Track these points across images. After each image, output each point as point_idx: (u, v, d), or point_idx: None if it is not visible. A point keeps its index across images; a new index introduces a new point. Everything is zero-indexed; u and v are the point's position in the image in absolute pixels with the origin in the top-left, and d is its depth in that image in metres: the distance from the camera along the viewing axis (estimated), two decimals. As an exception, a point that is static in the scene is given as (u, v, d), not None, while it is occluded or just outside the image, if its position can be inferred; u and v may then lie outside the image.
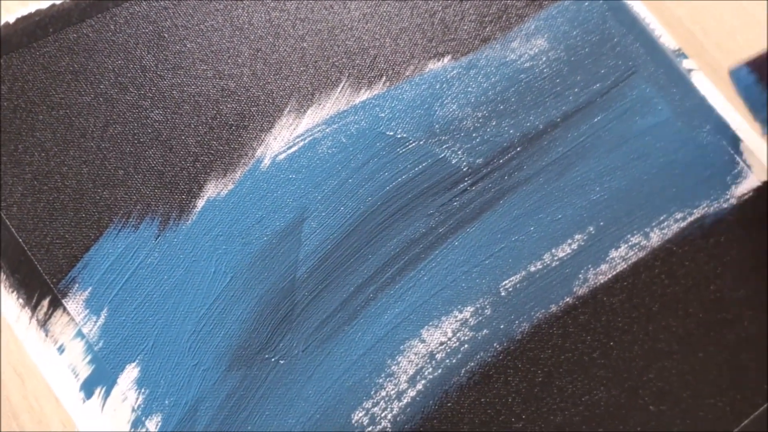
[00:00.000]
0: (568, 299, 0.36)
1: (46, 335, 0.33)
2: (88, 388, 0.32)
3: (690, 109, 0.41)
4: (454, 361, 0.35)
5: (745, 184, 0.40)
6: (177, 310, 0.34)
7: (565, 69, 0.40)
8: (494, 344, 0.35)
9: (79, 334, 0.33)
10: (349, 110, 0.38)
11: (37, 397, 0.32)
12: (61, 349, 0.33)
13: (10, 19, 0.37)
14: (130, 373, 0.33)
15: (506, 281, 0.36)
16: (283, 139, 0.37)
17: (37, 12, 0.37)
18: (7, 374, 0.32)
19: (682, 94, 0.41)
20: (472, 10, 0.41)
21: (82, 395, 0.32)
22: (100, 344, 0.33)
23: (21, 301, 0.33)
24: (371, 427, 0.33)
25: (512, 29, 0.41)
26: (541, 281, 0.36)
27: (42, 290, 0.33)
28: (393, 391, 0.34)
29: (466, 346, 0.35)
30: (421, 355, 0.34)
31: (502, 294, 0.36)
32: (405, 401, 0.34)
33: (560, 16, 0.41)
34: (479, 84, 0.39)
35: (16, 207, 0.34)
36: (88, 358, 0.33)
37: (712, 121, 0.41)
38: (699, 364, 0.36)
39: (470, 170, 0.38)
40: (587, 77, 0.40)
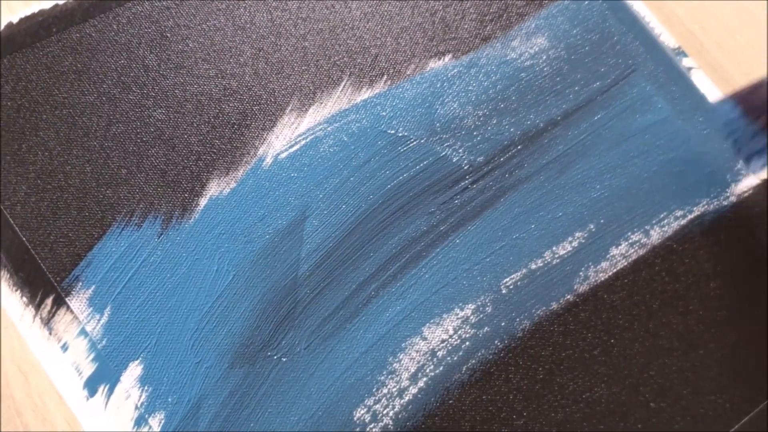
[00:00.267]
0: (568, 297, 0.36)
1: (50, 333, 0.33)
2: (91, 385, 0.32)
3: (690, 107, 0.41)
4: (456, 359, 0.35)
5: (744, 182, 0.40)
6: (180, 308, 0.34)
7: (566, 67, 0.40)
8: (495, 341, 0.35)
9: (83, 332, 0.33)
10: (351, 109, 0.38)
11: (41, 395, 0.32)
12: (65, 347, 0.33)
13: (14, 19, 0.37)
14: (134, 371, 0.33)
15: (507, 279, 0.36)
16: (284, 138, 0.37)
17: (41, 12, 0.38)
18: (11, 372, 0.33)
19: (682, 93, 0.41)
20: (473, 9, 0.41)
21: (86, 393, 0.32)
22: (104, 342, 0.33)
23: (25, 299, 0.33)
24: (373, 424, 0.33)
25: (513, 28, 0.41)
26: (542, 279, 0.36)
27: (45, 288, 0.33)
28: (395, 389, 0.34)
29: (468, 343, 0.35)
30: (423, 352, 0.35)
31: (503, 291, 0.36)
32: (407, 398, 0.34)
33: (560, 14, 0.42)
34: (480, 82, 0.39)
35: (20, 206, 0.34)
36: (92, 356, 0.33)
37: (712, 119, 0.41)
38: (699, 361, 0.36)
39: (471, 168, 0.38)
40: (587, 75, 0.40)
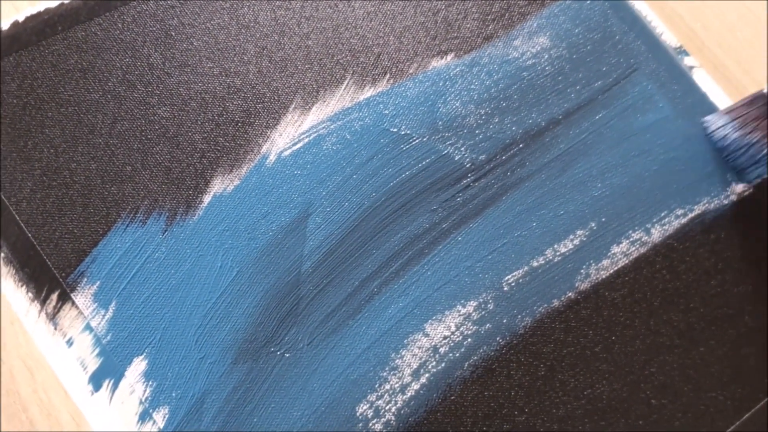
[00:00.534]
0: (570, 294, 0.37)
1: (55, 329, 0.33)
2: (96, 380, 0.33)
3: (691, 106, 0.41)
4: (458, 355, 0.35)
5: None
6: (184, 304, 0.34)
7: (567, 66, 0.41)
8: (497, 338, 0.35)
9: (88, 328, 0.33)
10: (354, 107, 0.38)
11: (46, 390, 0.33)
12: (70, 343, 0.33)
13: (20, 18, 0.37)
14: (138, 366, 0.33)
15: (509, 276, 0.36)
16: (288, 136, 0.37)
17: (46, 11, 0.38)
18: (16, 367, 0.33)
19: (684, 91, 0.41)
20: (475, 8, 0.41)
21: (91, 388, 0.33)
22: (108, 337, 0.33)
23: (30, 294, 0.33)
24: (376, 420, 0.33)
25: (515, 27, 0.41)
26: (544, 276, 0.37)
27: (51, 284, 0.34)
28: (397, 385, 0.34)
29: (470, 340, 0.35)
30: (425, 348, 0.35)
31: (505, 289, 0.36)
32: (409, 394, 0.34)
33: (562, 14, 0.42)
34: (482, 81, 0.40)
35: (26, 202, 0.35)
36: (97, 351, 0.33)
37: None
38: (700, 358, 0.36)
39: (473, 166, 0.38)
40: (589, 75, 0.41)
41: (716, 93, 0.41)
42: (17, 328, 0.33)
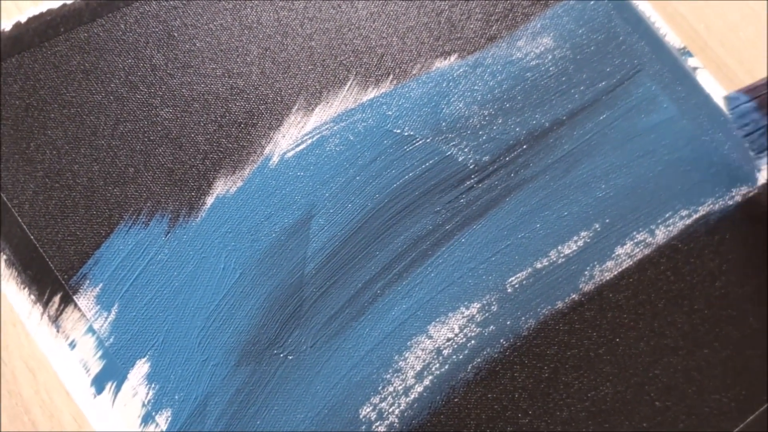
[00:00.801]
0: (574, 296, 0.36)
1: (58, 331, 0.33)
2: (99, 383, 0.33)
3: (695, 106, 0.41)
4: (461, 357, 0.35)
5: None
6: (186, 306, 0.34)
7: (571, 67, 0.40)
8: (501, 340, 0.35)
9: (90, 330, 0.33)
10: (357, 108, 0.38)
11: (49, 392, 0.32)
12: (73, 345, 0.33)
13: (22, 19, 0.37)
14: (141, 369, 0.33)
15: (512, 278, 0.36)
16: (291, 137, 0.37)
17: (49, 11, 0.38)
18: (18, 369, 0.33)
19: (688, 92, 0.41)
20: (479, 8, 0.41)
21: (93, 390, 0.32)
22: (111, 340, 0.33)
23: (33, 297, 0.33)
24: (379, 423, 0.33)
25: (518, 28, 0.41)
26: (548, 278, 0.37)
27: (53, 286, 0.34)
28: (400, 387, 0.34)
29: (473, 342, 0.35)
30: (428, 350, 0.35)
31: (509, 291, 0.36)
32: (412, 397, 0.34)
33: (566, 14, 0.42)
34: (486, 82, 0.40)
35: (28, 204, 0.35)
36: (99, 354, 0.33)
37: (717, 118, 0.41)
38: (704, 360, 0.36)
39: (477, 168, 0.38)
40: (593, 75, 0.40)
41: (720, 94, 0.41)
42: (20, 330, 0.33)
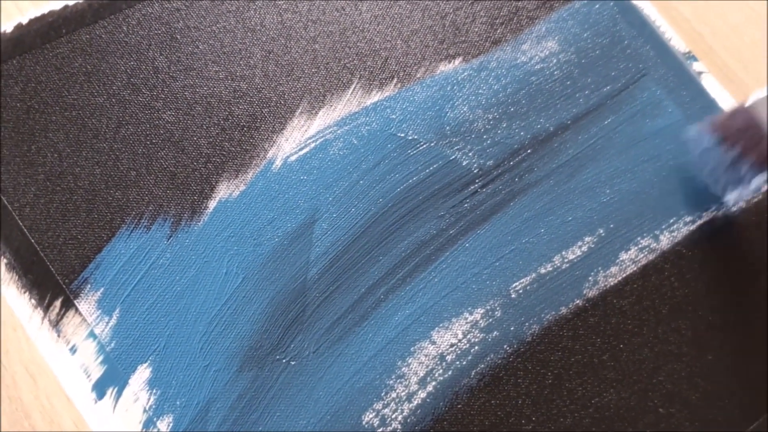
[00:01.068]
0: (578, 301, 0.36)
1: (59, 336, 0.33)
2: (100, 388, 0.32)
3: (700, 111, 0.41)
4: (465, 363, 0.35)
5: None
6: (189, 311, 0.34)
7: (576, 71, 0.40)
8: (504, 346, 0.35)
9: (92, 335, 0.33)
10: (361, 112, 0.38)
11: (49, 397, 0.32)
12: (74, 350, 0.33)
13: (24, 20, 0.37)
14: (142, 374, 0.33)
15: (516, 283, 0.36)
16: (294, 141, 0.37)
17: (50, 13, 0.37)
18: (19, 374, 0.32)
19: (692, 97, 0.41)
20: (483, 12, 0.41)
21: (94, 395, 0.32)
22: (112, 345, 0.33)
23: (33, 301, 0.33)
24: (382, 429, 0.33)
25: (523, 31, 0.41)
26: (551, 283, 0.36)
27: (54, 291, 0.33)
28: (403, 393, 0.34)
29: (477, 347, 0.35)
30: (432, 356, 0.35)
31: (513, 296, 0.36)
32: (415, 403, 0.34)
33: (571, 18, 0.41)
34: (490, 86, 0.39)
35: (29, 208, 0.34)
36: (100, 359, 0.33)
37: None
38: (708, 366, 0.36)
39: (481, 172, 0.38)
40: (598, 79, 0.40)
41: (725, 98, 0.41)
42: (20, 335, 0.33)
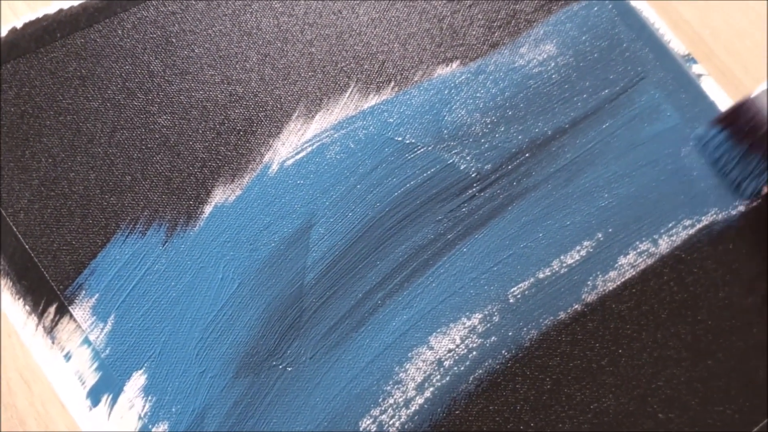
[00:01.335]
0: (576, 306, 0.36)
1: (53, 342, 0.33)
2: (94, 395, 0.32)
3: (699, 115, 0.40)
4: (462, 369, 0.34)
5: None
6: (184, 317, 0.33)
7: (574, 75, 0.40)
8: (502, 351, 0.35)
9: (86, 341, 0.33)
10: (358, 115, 0.38)
11: (44, 403, 0.32)
12: (68, 357, 0.33)
13: (18, 24, 0.37)
14: (137, 381, 0.32)
15: (514, 288, 0.36)
16: (291, 145, 0.37)
17: (45, 17, 0.37)
18: (13, 380, 0.32)
19: (692, 100, 0.41)
20: (481, 15, 0.41)
21: (89, 403, 0.32)
22: (107, 351, 0.33)
23: (28, 307, 0.33)
24: (379, 435, 0.33)
25: (521, 34, 0.41)
26: (550, 288, 0.36)
27: (49, 297, 0.33)
28: (401, 399, 0.34)
29: (475, 353, 0.35)
30: (429, 362, 0.34)
31: (511, 301, 0.36)
32: (413, 409, 0.34)
33: (569, 21, 0.41)
34: (488, 89, 0.39)
35: (23, 213, 0.34)
36: (95, 366, 0.33)
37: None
38: (708, 371, 0.36)
39: (479, 176, 0.38)
40: (596, 83, 0.40)
41: (725, 101, 0.41)
42: (14, 341, 0.33)
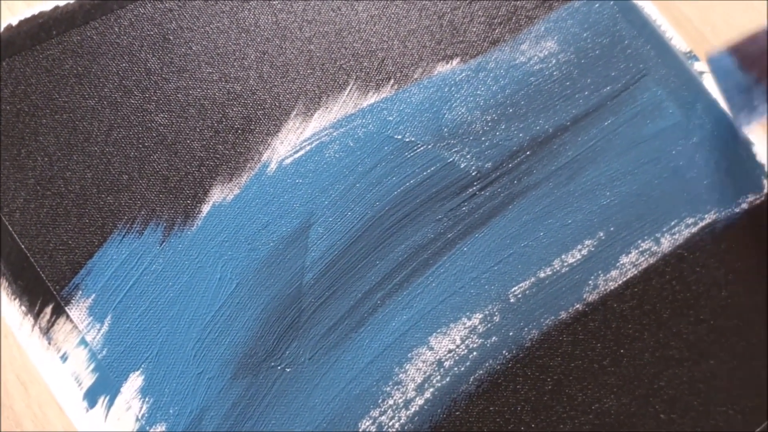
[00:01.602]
0: (578, 306, 0.36)
1: (49, 343, 0.32)
2: (91, 396, 0.32)
3: (701, 112, 0.40)
4: (463, 369, 0.34)
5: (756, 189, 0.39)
6: (182, 318, 0.33)
7: (575, 72, 0.40)
8: (503, 352, 0.35)
9: (83, 342, 0.33)
10: (357, 113, 0.38)
11: (41, 405, 0.32)
12: (65, 358, 0.32)
13: (14, 21, 0.37)
14: (134, 382, 0.32)
15: (515, 288, 0.36)
16: (289, 143, 0.37)
17: (41, 14, 0.37)
18: (10, 382, 0.32)
19: (694, 97, 0.40)
20: (481, 12, 0.40)
21: (86, 404, 0.32)
22: (104, 352, 0.32)
23: (24, 308, 0.33)
24: (379, 436, 0.33)
25: (522, 31, 0.40)
26: (551, 288, 0.36)
27: (45, 297, 0.33)
28: (401, 400, 0.33)
29: (475, 353, 0.34)
30: (429, 362, 0.34)
31: (512, 301, 0.36)
32: (413, 410, 0.33)
33: (570, 18, 0.41)
34: (488, 87, 0.39)
35: (19, 213, 0.34)
36: (92, 367, 0.32)
37: (723, 124, 0.40)
38: (710, 371, 0.36)
39: (479, 174, 0.37)
40: (598, 80, 0.40)
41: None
42: (11, 342, 0.33)
